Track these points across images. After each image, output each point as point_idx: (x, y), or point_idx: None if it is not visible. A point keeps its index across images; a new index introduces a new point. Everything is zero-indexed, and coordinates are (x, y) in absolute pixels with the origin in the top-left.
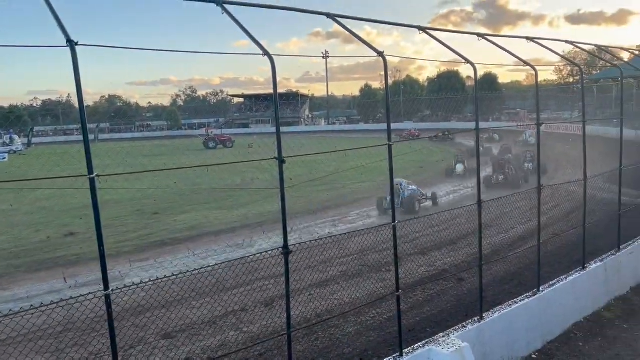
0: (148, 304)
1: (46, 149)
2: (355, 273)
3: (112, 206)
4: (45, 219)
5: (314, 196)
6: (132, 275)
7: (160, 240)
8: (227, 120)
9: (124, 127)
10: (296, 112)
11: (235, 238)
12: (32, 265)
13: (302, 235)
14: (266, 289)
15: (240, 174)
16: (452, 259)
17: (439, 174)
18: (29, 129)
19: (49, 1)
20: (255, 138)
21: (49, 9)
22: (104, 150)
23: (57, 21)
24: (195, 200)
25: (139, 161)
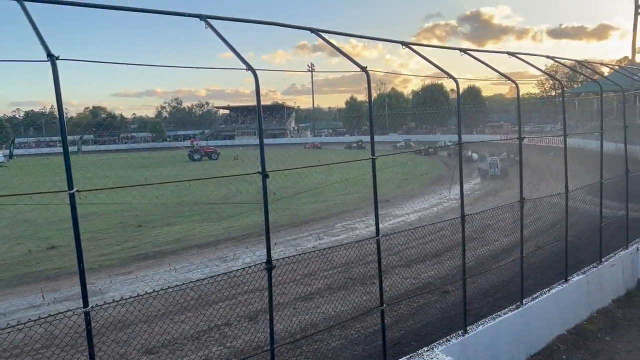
0: (130, 318)
1: (28, 161)
2: (341, 286)
3: (95, 219)
4: (27, 232)
5: (299, 208)
6: (113, 290)
7: (144, 253)
8: (212, 132)
9: (107, 138)
10: (282, 124)
11: (220, 251)
12: (13, 280)
13: (287, 247)
14: (250, 303)
15: (225, 186)
16: (437, 272)
17: (423, 184)
18: (10, 140)
19: (30, 17)
20: (241, 150)
21: (30, 25)
22: (87, 162)
23: (38, 36)
24: (179, 212)
25: (122, 173)
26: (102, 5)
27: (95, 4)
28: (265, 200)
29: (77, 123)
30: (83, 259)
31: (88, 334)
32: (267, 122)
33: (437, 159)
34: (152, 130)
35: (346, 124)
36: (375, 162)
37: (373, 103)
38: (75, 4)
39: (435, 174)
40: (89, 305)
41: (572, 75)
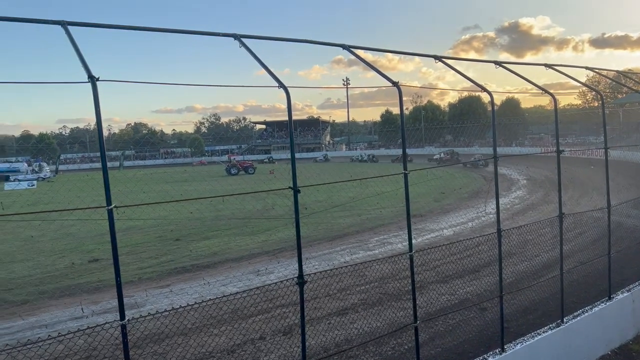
0: (166, 331)
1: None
2: (375, 301)
3: (135, 232)
4: (70, 245)
5: (333, 222)
6: (151, 303)
7: (181, 267)
8: (249, 147)
9: (148, 154)
10: (317, 138)
11: (254, 265)
12: (56, 292)
13: (321, 262)
14: (285, 317)
15: (261, 200)
16: (474, 288)
17: (460, 198)
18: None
19: (73, 40)
20: (277, 164)
21: (73, 48)
22: (129, 177)
23: (80, 58)
24: (216, 226)
25: (161, 188)
26: (143, 27)
27: (136, 27)
28: (296, 216)
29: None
30: (120, 273)
31: (125, 347)
32: (302, 136)
33: (475, 173)
34: (191, 145)
35: (381, 138)
36: (408, 177)
37: (409, 116)
38: (117, 27)
39: (473, 187)
40: (126, 318)
41: (616, 86)
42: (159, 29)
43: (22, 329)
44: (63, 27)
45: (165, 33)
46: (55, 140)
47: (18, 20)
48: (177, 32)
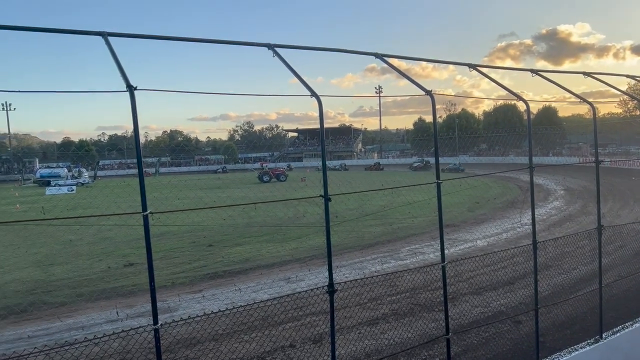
0: (199, 336)
1: (110, 182)
2: (407, 312)
3: (169, 237)
4: (107, 249)
5: (364, 231)
6: (184, 308)
7: (214, 273)
8: (281, 154)
9: (183, 160)
10: (349, 145)
11: (285, 272)
12: (93, 295)
13: (352, 270)
14: (315, 325)
15: (292, 208)
16: (509, 300)
17: (495, 208)
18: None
19: (112, 50)
20: (308, 171)
21: (112, 58)
22: (164, 183)
23: (119, 68)
24: (248, 233)
25: (196, 194)
26: (181, 38)
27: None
28: (327, 224)
29: (155, 146)
30: (154, 278)
31: (157, 351)
32: (334, 144)
33: (511, 183)
34: (225, 152)
35: (414, 146)
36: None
37: (442, 124)
38: (155, 37)
39: (508, 197)
40: (159, 323)
41: None
42: (196, 39)
43: (60, 331)
44: (103, 37)
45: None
46: (94, 147)
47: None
48: (214, 42)
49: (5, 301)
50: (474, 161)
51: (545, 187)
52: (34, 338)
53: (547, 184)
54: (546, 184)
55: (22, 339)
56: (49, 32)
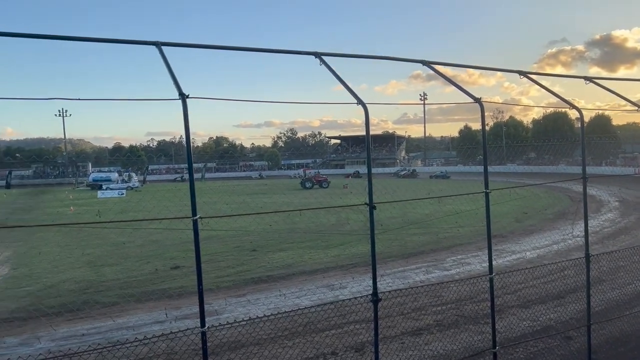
0: (242, 340)
1: (158, 186)
2: (451, 323)
3: (215, 242)
4: (155, 252)
5: (408, 240)
6: (228, 311)
7: (257, 277)
8: (323, 161)
9: (228, 166)
10: (392, 153)
11: (328, 279)
12: (141, 296)
13: (395, 280)
14: (357, 333)
15: (334, 214)
16: (559, 315)
17: (544, 219)
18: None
19: (166, 60)
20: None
21: (165, 67)
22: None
23: (172, 77)
24: (291, 239)
25: (240, 199)
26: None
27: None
28: (372, 233)
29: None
30: (202, 282)
31: (204, 353)
32: (377, 151)
33: (561, 193)
34: (269, 159)
35: (459, 154)
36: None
37: (489, 132)
38: (206, 47)
39: (558, 208)
40: (206, 326)
41: None
42: (246, 48)
43: (111, 329)
44: (157, 47)
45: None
46: (144, 152)
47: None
48: (261, 51)
49: (60, 299)
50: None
51: (598, 198)
52: (87, 336)
53: (600, 194)
54: (599, 194)
55: (75, 337)
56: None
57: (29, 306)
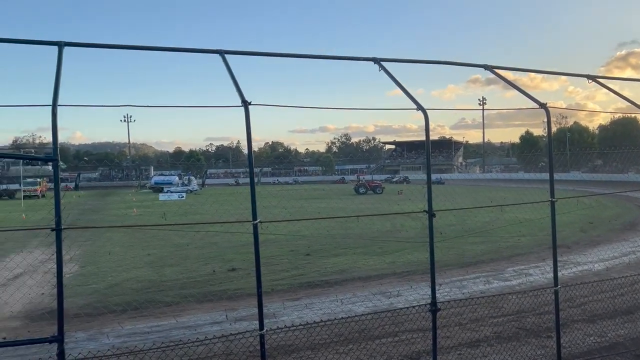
0: (296, 344)
1: (216, 190)
2: (511, 336)
3: (270, 245)
4: (213, 254)
5: (465, 248)
6: (283, 315)
7: (311, 282)
8: (378, 167)
9: (283, 171)
10: (449, 159)
11: (383, 286)
12: (199, 296)
13: (452, 289)
14: (413, 342)
15: (389, 220)
16: (629, 331)
17: (612, 230)
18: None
19: (229, 68)
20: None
21: (229, 75)
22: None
23: (235, 84)
24: (345, 244)
25: (295, 204)
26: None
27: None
28: (430, 241)
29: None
30: (261, 284)
31: (262, 356)
32: (433, 157)
33: (631, 203)
34: (323, 164)
35: (520, 160)
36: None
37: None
38: (267, 54)
39: (627, 218)
40: (264, 329)
41: None
42: (305, 55)
43: (171, 328)
44: (221, 55)
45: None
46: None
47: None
48: (319, 58)
49: (124, 298)
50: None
51: None
52: (149, 334)
53: None
54: None
55: (138, 334)
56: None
57: (95, 303)
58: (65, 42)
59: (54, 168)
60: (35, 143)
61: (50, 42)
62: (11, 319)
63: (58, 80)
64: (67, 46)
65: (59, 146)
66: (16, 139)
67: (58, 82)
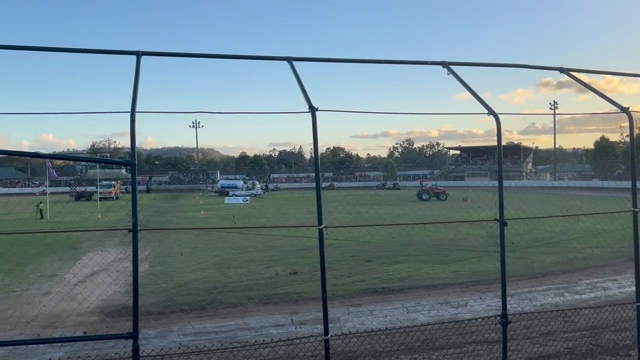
0: (358, 350)
1: (279, 194)
2: (585, 352)
3: (331, 250)
4: (275, 257)
5: (535, 259)
6: (345, 320)
7: (372, 288)
8: (441, 172)
9: (344, 176)
10: (517, 165)
11: (446, 295)
12: (263, 298)
13: (521, 301)
14: (478, 355)
15: (453, 228)
16: None
17: None
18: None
19: (297, 74)
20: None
21: (297, 82)
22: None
23: (302, 91)
24: (407, 251)
25: (356, 209)
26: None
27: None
28: (502, 250)
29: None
30: (326, 289)
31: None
32: None
33: None
34: (384, 169)
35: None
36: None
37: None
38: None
39: None
40: (329, 334)
41: None
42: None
43: (235, 329)
44: (289, 62)
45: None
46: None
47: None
48: (387, 63)
49: (190, 297)
50: None
51: None
52: (214, 334)
53: None
54: None
55: (203, 333)
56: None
57: (164, 301)
58: (142, 51)
59: (132, 172)
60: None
61: (128, 51)
62: (88, 313)
63: (136, 88)
64: (144, 55)
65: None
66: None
67: (136, 90)
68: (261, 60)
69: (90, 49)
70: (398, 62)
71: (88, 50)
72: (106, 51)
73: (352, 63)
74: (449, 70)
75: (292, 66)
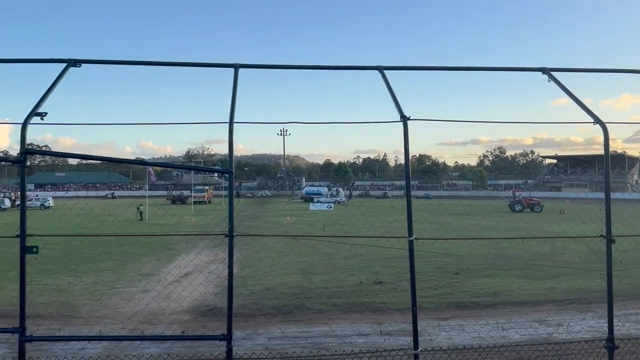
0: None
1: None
2: None
3: (416, 261)
4: (359, 266)
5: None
6: (430, 334)
7: (460, 302)
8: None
9: (430, 184)
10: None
11: (540, 313)
12: (346, 306)
13: (627, 323)
14: None
15: (548, 242)
16: None
17: None
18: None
19: (388, 83)
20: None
21: (388, 91)
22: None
23: (393, 100)
24: (498, 265)
25: (444, 219)
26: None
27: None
28: (608, 268)
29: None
30: (416, 303)
31: None
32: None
33: None
34: (473, 178)
35: None
36: None
37: None
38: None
39: None
40: (419, 348)
41: None
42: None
43: (319, 335)
44: (380, 72)
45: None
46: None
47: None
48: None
49: (276, 301)
50: None
51: None
52: (298, 338)
53: None
54: None
55: (288, 338)
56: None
57: (251, 304)
58: (240, 64)
59: (229, 179)
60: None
61: (226, 64)
62: (182, 312)
63: (234, 100)
64: (241, 68)
65: (225, 158)
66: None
67: (234, 101)
68: (353, 70)
69: (193, 62)
70: (496, 68)
71: (190, 64)
72: (206, 64)
73: (444, 71)
74: (549, 77)
75: (384, 75)
